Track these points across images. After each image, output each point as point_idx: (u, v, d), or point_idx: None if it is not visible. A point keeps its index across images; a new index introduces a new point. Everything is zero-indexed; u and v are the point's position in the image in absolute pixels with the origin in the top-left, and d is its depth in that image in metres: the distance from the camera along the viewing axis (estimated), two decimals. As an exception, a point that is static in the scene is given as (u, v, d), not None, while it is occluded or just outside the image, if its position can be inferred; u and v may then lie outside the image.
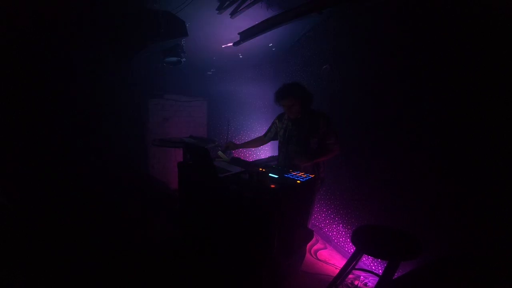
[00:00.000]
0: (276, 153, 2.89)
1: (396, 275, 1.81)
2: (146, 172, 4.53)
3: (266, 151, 4.55)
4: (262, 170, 2.27)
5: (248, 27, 3.17)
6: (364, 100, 2.74)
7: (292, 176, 2.21)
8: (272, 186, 1.98)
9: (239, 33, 3.32)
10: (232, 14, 3.00)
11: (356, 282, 2.52)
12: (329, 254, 3.04)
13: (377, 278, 2.33)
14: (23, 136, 3.05)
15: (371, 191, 2.67)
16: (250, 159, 4.68)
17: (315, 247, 3.13)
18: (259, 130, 4.79)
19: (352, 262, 2.07)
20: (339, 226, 3.09)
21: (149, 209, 3.81)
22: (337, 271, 2.16)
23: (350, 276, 2.51)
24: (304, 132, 2.52)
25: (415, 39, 2.21)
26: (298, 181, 2.08)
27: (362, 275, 2.59)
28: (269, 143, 3.07)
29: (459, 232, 1.93)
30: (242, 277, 2.14)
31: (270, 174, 2.21)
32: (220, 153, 2.78)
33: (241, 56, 4.23)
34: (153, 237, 3.11)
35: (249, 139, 4.82)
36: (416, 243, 1.78)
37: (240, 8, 2.90)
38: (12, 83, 2.92)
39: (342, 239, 3.05)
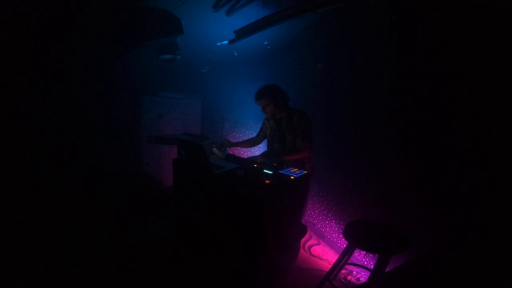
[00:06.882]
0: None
1: (388, 270, 1.85)
2: (140, 169, 4.52)
3: (260, 149, 4.58)
4: (256, 166, 2.30)
5: (243, 25, 3.19)
6: (357, 98, 2.79)
7: (286, 172, 2.24)
8: (267, 181, 2.01)
9: (234, 31, 3.34)
10: (228, 12, 3.02)
11: (349, 277, 2.56)
12: (322, 249, 3.09)
13: (369, 273, 2.39)
14: (17, 134, 3.03)
15: (363, 187, 2.72)
16: (245, 156, 4.71)
17: (309, 243, 3.18)
18: (254, 127, 4.82)
19: (344, 257, 2.11)
20: (332, 222, 3.14)
21: (143, 206, 3.81)
22: (331, 266, 2.20)
23: (343, 271, 2.56)
24: (283, 130, 2.64)
25: (408, 38, 2.26)
26: (292, 177, 2.12)
27: (355, 270, 2.63)
28: (264, 141, 3.11)
29: (449, 226, 1.98)
30: (239, 273, 2.16)
31: (264, 170, 2.24)
32: (215, 150, 2.80)
33: (236, 54, 4.25)
34: (148, 235, 3.12)
35: (243, 137, 4.87)
36: (406, 237, 1.83)
37: (236, 7, 2.92)
38: (6, 82, 2.90)
39: (335, 235, 3.10)
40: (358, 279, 2.56)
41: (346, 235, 1.96)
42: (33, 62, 3.05)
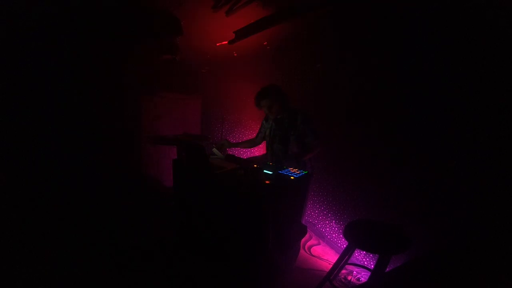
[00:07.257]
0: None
1: (388, 270, 1.86)
2: (139, 170, 4.52)
3: (260, 149, 4.58)
4: (256, 166, 2.30)
5: (243, 25, 3.19)
6: (356, 98, 2.79)
7: (286, 172, 2.25)
8: (267, 182, 2.01)
9: (234, 32, 3.34)
10: (228, 13, 3.02)
11: (349, 277, 2.56)
12: (322, 250, 3.09)
13: (369, 273, 2.39)
14: (17, 134, 3.02)
15: (363, 187, 2.72)
16: (245, 156, 4.71)
17: (309, 243, 3.18)
18: (253, 127, 4.82)
19: (344, 257, 2.11)
20: (332, 222, 3.14)
21: (143, 206, 3.80)
22: (331, 266, 2.20)
23: (343, 271, 2.56)
24: (284, 130, 2.63)
25: (408, 38, 2.26)
26: (292, 177, 2.12)
27: (355, 270, 2.64)
28: (263, 142, 3.12)
29: (449, 226, 1.98)
30: (239, 273, 2.16)
31: (264, 171, 2.24)
32: (215, 150, 2.80)
33: (235, 54, 4.25)
34: (148, 235, 3.12)
35: (243, 137, 4.86)
36: (406, 237, 1.83)
37: (236, 7, 2.92)
38: (6, 82, 2.90)
39: (335, 235, 3.10)
40: (358, 279, 2.56)
41: (346, 235, 1.96)
42: (33, 62, 3.05)
